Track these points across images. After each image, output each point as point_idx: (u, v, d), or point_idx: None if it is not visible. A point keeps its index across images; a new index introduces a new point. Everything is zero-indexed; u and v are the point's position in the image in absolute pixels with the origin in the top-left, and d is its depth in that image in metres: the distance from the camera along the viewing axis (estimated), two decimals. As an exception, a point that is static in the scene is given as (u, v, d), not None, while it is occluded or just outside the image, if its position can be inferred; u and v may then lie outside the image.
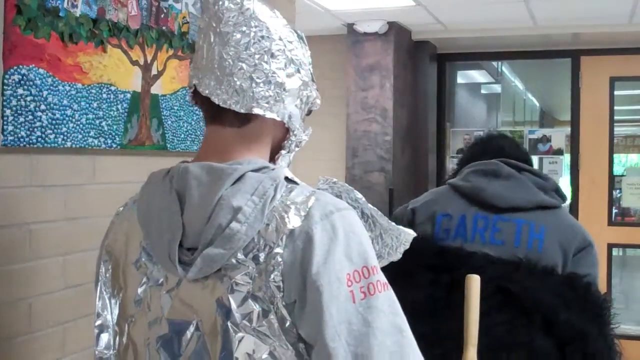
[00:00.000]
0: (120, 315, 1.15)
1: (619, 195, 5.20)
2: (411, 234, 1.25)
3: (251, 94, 1.07)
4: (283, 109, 1.10)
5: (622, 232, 5.13)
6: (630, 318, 5.81)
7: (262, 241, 1.00)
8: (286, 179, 1.07)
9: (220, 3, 1.10)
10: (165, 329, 1.06)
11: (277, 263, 0.98)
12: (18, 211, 1.67)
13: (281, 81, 1.09)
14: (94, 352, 1.18)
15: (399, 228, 1.24)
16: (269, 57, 1.08)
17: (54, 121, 1.74)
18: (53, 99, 1.74)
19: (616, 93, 5.12)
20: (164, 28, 2.16)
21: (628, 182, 5.10)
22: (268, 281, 0.98)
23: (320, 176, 1.22)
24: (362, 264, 1.00)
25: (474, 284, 1.66)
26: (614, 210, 5.22)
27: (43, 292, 1.74)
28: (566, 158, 5.23)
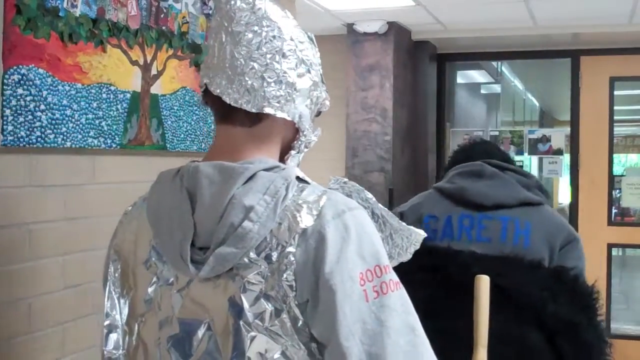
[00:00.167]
0: (130, 315, 1.14)
1: (618, 195, 5.19)
2: (422, 234, 1.25)
3: (262, 94, 1.07)
4: (294, 108, 1.10)
5: (622, 232, 5.13)
6: (630, 318, 5.82)
7: (275, 240, 1.00)
8: (297, 178, 1.07)
9: (232, 2, 1.09)
10: (176, 329, 1.06)
11: (290, 262, 0.98)
12: (18, 211, 1.67)
13: (292, 81, 1.09)
14: (102, 352, 1.18)
15: (410, 228, 1.24)
16: (280, 57, 1.08)
17: (53, 121, 1.74)
18: (53, 99, 1.74)
19: (616, 93, 5.12)
20: (164, 28, 2.16)
21: (628, 182, 5.09)
22: (280, 280, 0.98)
23: (331, 176, 1.23)
24: (375, 263, 1.00)
25: (483, 284, 1.67)
26: (614, 210, 5.22)
27: (43, 292, 1.74)
28: (566, 158, 5.23)
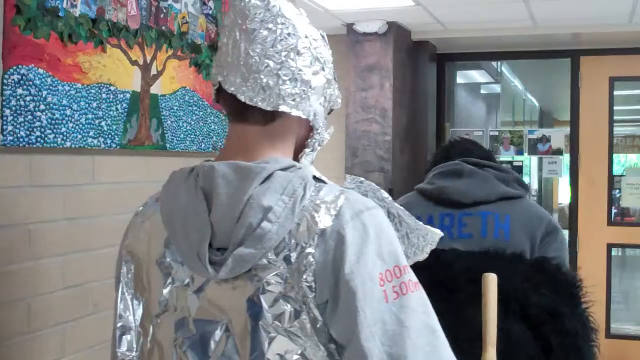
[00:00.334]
0: (144, 317, 1.12)
1: (618, 195, 5.19)
2: (438, 233, 1.24)
3: (277, 92, 1.06)
4: (309, 106, 1.09)
5: (622, 232, 5.13)
6: (630, 318, 5.82)
7: (294, 241, 0.99)
8: (314, 177, 1.06)
9: (247, 0, 1.08)
10: (193, 330, 1.05)
11: (309, 263, 0.97)
12: (17, 211, 1.67)
13: (307, 79, 1.08)
14: (115, 354, 1.15)
15: (427, 227, 1.23)
16: (295, 55, 1.07)
17: (53, 121, 1.74)
18: (52, 99, 1.74)
19: (616, 93, 5.12)
20: (164, 28, 2.16)
21: (627, 182, 5.09)
22: (300, 281, 0.97)
23: (347, 175, 1.22)
24: (394, 263, 1.00)
25: (491, 282, 1.67)
26: (614, 210, 5.22)
27: (42, 292, 1.74)
28: (566, 158, 5.23)
